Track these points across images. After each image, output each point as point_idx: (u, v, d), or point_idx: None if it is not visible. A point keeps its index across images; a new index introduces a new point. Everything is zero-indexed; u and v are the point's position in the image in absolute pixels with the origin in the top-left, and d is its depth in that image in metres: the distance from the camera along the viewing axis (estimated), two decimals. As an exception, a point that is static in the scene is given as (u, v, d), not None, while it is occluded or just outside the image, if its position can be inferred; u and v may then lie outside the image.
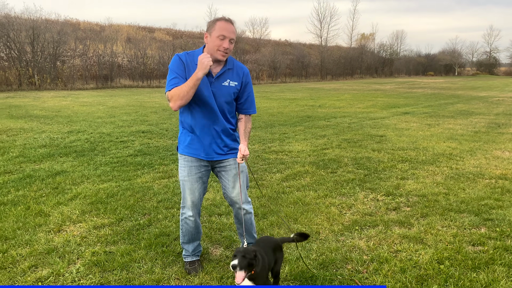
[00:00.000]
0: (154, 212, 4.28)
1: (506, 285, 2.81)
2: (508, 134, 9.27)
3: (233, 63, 2.88)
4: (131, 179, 5.53)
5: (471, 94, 24.76)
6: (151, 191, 4.98)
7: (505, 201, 4.59)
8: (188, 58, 2.81)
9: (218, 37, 2.69)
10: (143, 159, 6.66)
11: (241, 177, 2.95)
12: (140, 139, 8.59)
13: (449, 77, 68.05)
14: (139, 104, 16.58)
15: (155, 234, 3.69)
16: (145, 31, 51.52)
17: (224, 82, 2.81)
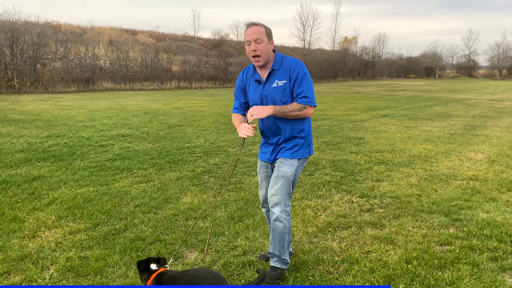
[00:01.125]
0: (130, 216, 4.29)
1: (469, 283, 2.92)
2: (482, 136, 9.52)
3: (280, 63, 2.87)
4: (109, 183, 5.52)
5: (450, 96, 25.27)
6: (128, 195, 4.99)
7: (474, 201, 4.74)
8: (247, 74, 3.02)
9: (245, 44, 2.82)
10: (122, 164, 6.65)
11: (280, 181, 2.92)
12: (120, 143, 8.56)
13: (430, 80, 69.20)
14: (121, 108, 16.48)
15: (131, 239, 3.71)
16: (128, 34, 51.12)
17: (273, 84, 2.86)
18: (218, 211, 4.45)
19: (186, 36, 60.47)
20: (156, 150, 7.78)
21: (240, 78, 3.04)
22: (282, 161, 2.96)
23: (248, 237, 3.76)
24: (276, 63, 2.86)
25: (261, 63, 2.82)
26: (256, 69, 2.94)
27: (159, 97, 23.86)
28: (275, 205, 2.94)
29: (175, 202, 4.75)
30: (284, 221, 2.95)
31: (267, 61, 2.85)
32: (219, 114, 14.27)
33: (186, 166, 6.53)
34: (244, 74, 3.04)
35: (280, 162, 2.96)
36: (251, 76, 2.96)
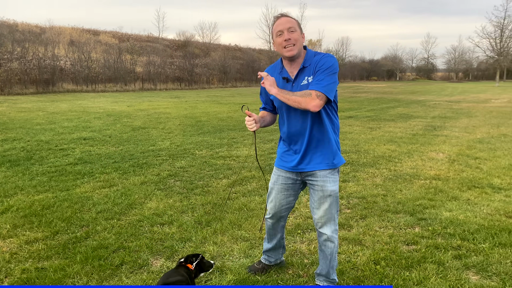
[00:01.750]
0: (92, 223, 4.11)
1: (436, 282, 2.97)
2: (443, 136, 9.84)
3: (311, 59, 2.61)
4: (69, 189, 5.29)
5: (411, 98, 26.08)
6: (90, 201, 4.78)
7: (437, 200, 4.86)
8: (272, 72, 2.76)
9: (277, 36, 2.59)
10: (83, 168, 6.39)
11: (328, 200, 2.70)
12: (81, 146, 8.25)
13: (391, 82, 71.32)
14: (82, 110, 15.94)
15: (93, 247, 3.54)
16: (90, 34, 49.73)
17: (303, 81, 2.60)
18: (184, 216, 4.33)
19: (150, 37, 59.51)
20: (120, 154, 7.54)
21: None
22: (324, 177, 2.69)
23: (216, 242, 3.68)
24: (308, 60, 2.61)
25: (295, 52, 2.54)
26: (284, 66, 2.69)
27: (122, 99, 23.28)
28: (325, 225, 2.75)
29: (139, 208, 4.59)
30: (335, 241, 2.78)
31: (299, 53, 2.60)
32: (185, 116, 14.07)
33: (151, 169, 6.35)
34: (269, 72, 2.75)
35: (322, 180, 2.69)
36: (279, 73, 2.70)
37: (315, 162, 2.69)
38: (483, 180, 5.79)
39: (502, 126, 11.79)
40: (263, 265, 3.18)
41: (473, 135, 10.05)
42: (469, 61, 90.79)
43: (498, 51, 61.03)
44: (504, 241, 3.64)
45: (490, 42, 62.03)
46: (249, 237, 3.79)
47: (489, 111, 16.61)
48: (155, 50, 47.46)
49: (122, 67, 36.96)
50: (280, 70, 2.71)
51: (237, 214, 4.37)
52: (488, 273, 3.11)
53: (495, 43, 61.48)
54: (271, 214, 2.95)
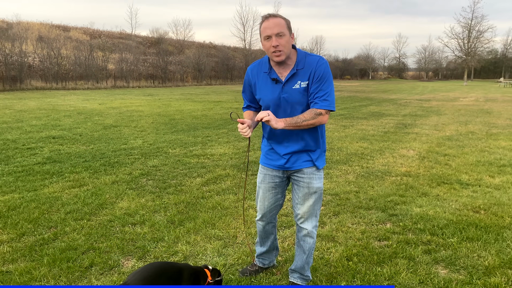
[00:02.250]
0: (61, 224, 3.99)
1: (406, 277, 3.02)
2: (413, 134, 10.06)
3: (304, 62, 2.54)
4: (37, 189, 5.12)
5: (383, 96, 26.57)
6: (59, 201, 4.64)
7: (408, 196, 4.95)
8: (258, 70, 2.68)
9: (264, 39, 2.48)
10: (52, 167, 6.20)
11: (313, 197, 2.71)
12: (50, 145, 8.01)
13: (364, 81, 72.56)
14: (52, 108, 15.49)
15: (61, 249, 3.43)
16: (59, 30, 48.38)
17: (295, 85, 2.53)
18: (156, 216, 4.26)
19: (122, 34, 58.39)
20: (90, 153, 7.36)
21: (248, 75, 2.71)
22: (310, 175, 2.70)
23: (189, 242, 3.63)
24: (300, 62, 2.53)
25: (283, 58, 2.48)
26: (272, 66, 2.59)
27: (94, 97, 22.78)
28: (307, 221, 2.76)
29: (110, 208, 4.49)
30: (314, 237, 2.81)
31: (288, 56, 2.54)
32: (158, 114, 13.87)
33: (123, 169, 6.23)
34: (254, 69, 2.67)
35: (308, 176, 2.69)
36: (267, 73, 2.60)
37: (302, 160, 2.69)
38: (452, 176, 5.94)
39: (470, 124, 12.15)
40: (256, 268, 3.13)
41: (442, 133, 10.31)
42: (439, 61, 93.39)
43: (466, 51, 63.04)
44: (471, 236, 3.74)
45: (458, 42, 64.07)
46: (222, 236, 3.76)
47: (457, 109, 17.10)
48: (128, 47, 46.63)
49: (93, 64, 36.20)
50: (268, 70, 2.60)
51: (210, 213, 4.34)
52: (456, 267, 3.19)
53: (463, 43, 63.50)
54: (261, 214, 2.92)
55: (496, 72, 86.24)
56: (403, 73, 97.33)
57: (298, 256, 2.88)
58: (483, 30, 61.81)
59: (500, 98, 24.77)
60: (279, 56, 2.47)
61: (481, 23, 61.34)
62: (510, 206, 4.59)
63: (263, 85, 2.62)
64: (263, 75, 2.62)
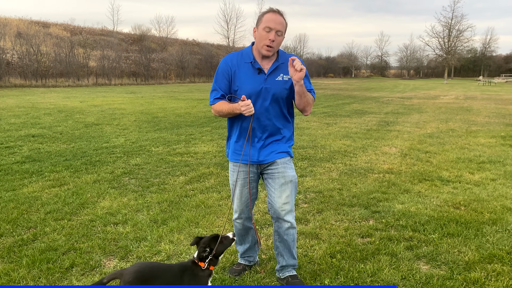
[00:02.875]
0: (40, 225, 3.90)
1: (389, 273, 3.05)
2: (395, 132, 10.19)
3: (285, 57, 2.68)
4: (15, 189, 5.00)
5: (366, 94, 26.83)
6: (38, 201, 4.55)
7: (390, 193, 5.01)
8: (238, 59, 2.67)
9: (264, 29, 2.53)
10: (31, 166, 6.07)
11: (289, 187, 2.73)
12: (30, 144, 7.84)
13: (347, 79, 73.14)
14: (31, 106, 15.17)
15: (40, 250, 3.36)
16: (39, 26, 47.41)
17: (278, 77, 2.65)
18: (139, 215, 4.21)
19: (104, 30, 57.58)
20: (71, 151, 7.23)
21: (227, 63, 2.67)
22: (284, 164, 2.73)
23: (172, 241, 3.60)
24: (282, 57, 2.68)
25: (271, 54, 2.60)
26: (255, 57, 2.65)
27: (75, 94, 22.41)
28: (288, 213, 2.75)
29: (92, 207, 4.41)
30: (295, 226, 2.84)
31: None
32: (140, 112, 13.72)
33: (105, 167, 6.13)
34: (234, 59, 2.68)
35: (282, 166, 2.73)
36: (250, 63, 2.63)
37: (276, 152, 2.73)
38: (433, 173, 6.03)
39: (450, 121, 12.37)
40: (243, 266, 3.12)
41: (424, 130, 10.47)
42: (420, 59, 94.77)
43: (446, 50, 64.17)
44: (452, 231, 3.80)
45: (439, 41, 65.19)
46: (206, 235, 3.73)
47: (438, 107, 17.38)
48: (110, 44, 45.97)
49: (74, 61, 35.59)
50: (252, 60, 2.64)
51: (194, 212, 4.31)
52: (438, 262, 3.23)
53: (444, 42, 64.63)
54: (239, 211, 2.91)
55: (476, 70, 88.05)
56: (385, 71, 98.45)
57: (284, 251, 2.88)
58: (463, 29, 63.08)
59: (479, 96, 25.28)
60: (269, 51, 2.57)
61: (461, 23, 62.61)
62: (489, 202, 4.68)
63: (245, 75, 2.64)
64: (246, 65, 2.64)
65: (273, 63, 2.65)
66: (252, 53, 2.67)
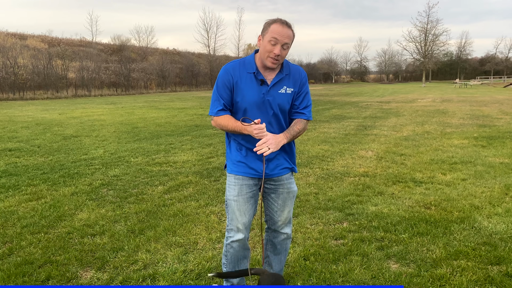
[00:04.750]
0: (16, 239, 3.90)
1: (360, 273, 3.16)
2: (372, 135, 10.40)
3: (289, 68, 2.58)
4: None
5: (345, 99, 27.23)
6: (15, 215, 4.53)
7: (364, 196, 5.14)
8: (240, 69, 2.53)
9: (269, 41, 2.39)
10: (7, 181, 6.02)
11: (292, 200, 2.73)
12: (6, 158, 7.75)
13: (328, 84, 74.01)
14: (8, 119, 14.95)
15: (16, 264, 3.36)
16: (15, 38, 46.77)
17: (281, 90, 2.53)
18: (117, 226, 4.23)
19: (83, 41, 57.10)
20: (49, 164, 7.19)
21: (229, 72, 2.51)
22: (289, 180, 2.69)
23: (149, 250, 3.64)
24: (286, 68, 2.56)
25: (275, 66, 2.48)
26: (258, 68, 2.52)
27: (53, 107, 22.14)
28: (287, 226, 2.76)
29: (69, 219, 4.42)
30: (291, 237, 2.90)
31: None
32: (120, 123, 13.66)
33: (83, 179, 6.12)
34: (236, 68, 2.52)
35: (288, 182, 2.68)
36: (253, 73, 2.50)
37: (281, 166, 2.65)
38: (407, 175, 6.21)
39: (426, 124, 12.67)
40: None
41: (400, 133, 10.72)
42: (398, 64, 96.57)
43: (423, 54, 65.49)
44: (421, 231, 3.94)
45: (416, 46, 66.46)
46: (183, 243, 3.79)
47: (415, 110, 17.77)
48: (89, 54, 45.59)
49: (52, 73, 35.17)
50: (255, 70, 2.51)
51: (171, 221, 4.35)
52: (407, 260, 3.36)
53: (420, 46, 65.94)
54: (242, 231, 2.63)
55: (452, 73, 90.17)
56: (365, 76, 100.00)
57: (274, 261, 2.88)
58: (439, 34, 64.45)
59: (455, 99, 25.92)
60: (274, 64, 2.45)
61: (436, 27, 63.95)
62: (459, 201, 4.85)
63: (247, 85, 2.51)
64: (248, 75, 2.51)
65: (276, 75, 2.53)
66: (255, 62, 2.53)
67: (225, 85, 2.51)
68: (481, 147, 8.53)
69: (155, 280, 3.12)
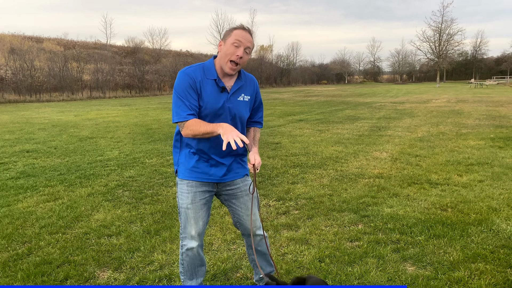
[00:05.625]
0: (35, 239, 3.97)
1: (376, 275, 3.14)
2: (386, 136, 10.32)
3: (245, 76, 2.64)
4: (10, 204, 5.06)
5: (359, 100, 27.05)
6: (33, 216, 4.61)
7: (379, 197, 5.11)
8: (201, 75, 2.48)
9: (233, 43, 2.40)
10: (26, 182, 6.13)
11: (256, 201, 2.73)
12: (24, 159, 7.90)
13: (340, 85, 73.57)
14: (25, 121, 15.22)
15: (35, 263, 3.43)
16: (32, 41, 47.62)
17: (239, 97, 2.57)
18: (133, 226, 4.28)
19: (97, 44, 57.84)
20: (65, 165, 7.30)
21: (191, 76, 2.45)
22: (245, 182, 2.72)
23: (165, 251, 3.67)
24: (243, 76, 2.60)
25: (233, 73, 2.50)
26: (218, 75, 2.52)
27: (69, 108, 22.46)
28: (259, 228, 2.78)
29: (86, 220, 4.48)
30: (266, 235, 2.96)
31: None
32: (135, 124, 13.80)
33: (99, 180, 6.20)
34: (197, 73, 2.48)
35: (243, 184, 2.71)
36: (214, 80, 2.48)
37: (235, 171, 2.68)
38: (422, 176, 6.14)
39: (441, 125, 12.53)
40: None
41: (415, 134, 10.61)
42: (412, 64, 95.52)
43: (438, 54, 64.68)
44: (438, 233, 3.90)
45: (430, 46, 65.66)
46: (198, 243, 3.81)
47: (429, 111, 17.57)
48: (103, 57, 46.14)
49: (68, 75, 35.67)
50: (216, 77, 2.50)
51: (187, 221, 4.37)
52: (423, 263, 3.33)
53: (435, 46, 65.14)
54: (197, 238, 2.63)
55: (467, 73, 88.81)
56: (378, 77, 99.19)
57: (261, 262, 2.89)
58: (453, 33, 63.57)
59: (470, 99, 25.55)
60: (233, 70, 2.47)
61: (451, 27, 63.09)
62: (476, 203, 4.79)
63: (208, 92, 2.48)
64: (209, 82, 2.49)
65: (236, 82, 2.56)
66: (215, 69, 2.52)
67: (190, 88, 2.45)
68: (498, 148, 8.40)
69: (171, 281, 3.15)
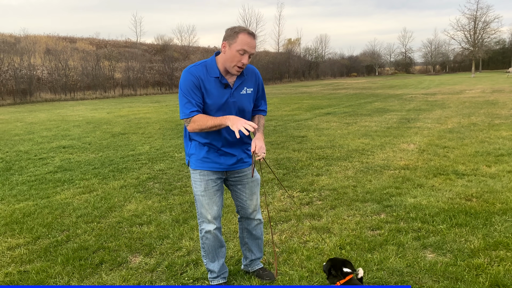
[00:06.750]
0: (72, 227, 4.25)
1: (395, 261, 3.21)
2: (415, 128, 10.19)
3: (246, 69, 2.75)
4: (49, 196, 5.40)
5: (389, 92, 26.60)
6: (70, 207, 4.92)
7: (403, 188, 5.13)
8: (204, 73, 2.63)
9: (238, 51, 2.53)
10: (63, 175, 6.49)
11: (258, 186, 2.95)
12: (61, 154, 8.32)
13: (371, 77, 72.33)
14: (61, 119, 15.90)
15: (73, 249, 3.69)
16: (66, 42, 49.25)
17: (242, 91, 2.72)
18: (162, 216, 4.50)
19: (128, 42, 59.15)
20: (99, 160, 7.65)
21: (195, 74, 2.61)
22: (250, 169, 2.88)
23: (192, 238, 3.86)
24: (244, 70, 2.70)
25: (239, 74, 2.66)
26: (221, 72, 2.66)
27: (102, 106, 23.21)
28: (258, 212, 3.00)
29: (119, 210, 4.74)
30: (263, 221, 3.11)
31: None
32: (165, 120, 14.17)
33: (131, 173, 6.49)
34: (201, 73, 2.62)
35: (249, 170, 2.88)
36: (217, 78, 2.63)
37: (243, 160, 2.86)
38: (449, 167, 6.09)
39: (473, 116, 12.23)
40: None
41: (445, 126, 10.43)
42: (446, 54, 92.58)
43: (473, 43, 62.52)
44: (460, 222, 3.91)
45: (464, 34, 63.53)
46: (223, 231, 3.98)
47: (462, 102, 17.12)
48: (134, 55, 47.23)
49: (100, 73, 36.74)
50: (219, 75, 2.64)
51: (213, 211, 4.55)
52: (443, 250, 3.37)
53: (469, 35, 62.98)
54: (214, 221, 2.83)
55: (505, 62, 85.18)
56: (410, 68, 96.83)
57: (253, 245, 3.10)
58: (489, 21, 61.27)
59: (507, 89, 24.65)
60: (239, 72, 2.64)
61: (486, 14, 60.86)
62: (502, 193, 4.74)
63: (213, 89, 2.63)
64: (213, 79, 2.63)
65: (238, 77, 2.70)
66: (217, 67, 2.65)
67: (195, 86, 2.61)
68: (531, 138, 8.16)
69: (198, 265, 3.33)
